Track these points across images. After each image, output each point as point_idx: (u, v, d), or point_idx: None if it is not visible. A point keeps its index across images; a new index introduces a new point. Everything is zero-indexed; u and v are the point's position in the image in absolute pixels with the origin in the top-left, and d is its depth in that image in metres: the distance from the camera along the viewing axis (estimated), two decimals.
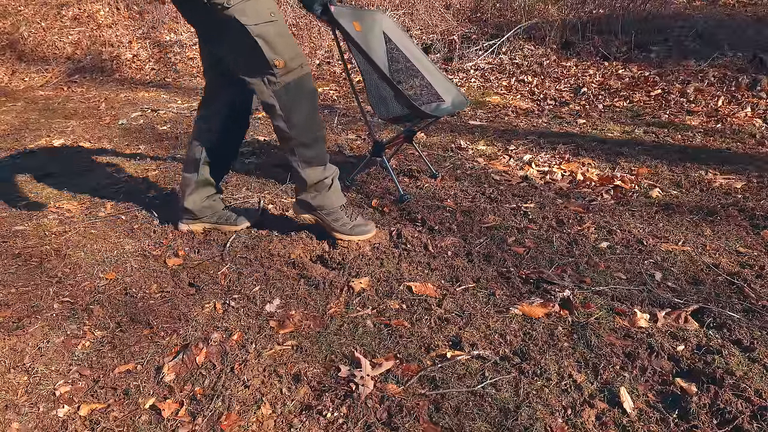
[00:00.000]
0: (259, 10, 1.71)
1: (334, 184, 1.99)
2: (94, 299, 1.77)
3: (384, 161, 2.43)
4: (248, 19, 1.69)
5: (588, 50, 5.29)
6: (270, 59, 1.74)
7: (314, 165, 1.93)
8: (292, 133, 1.87)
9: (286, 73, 1.78)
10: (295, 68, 1.79)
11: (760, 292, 1.65)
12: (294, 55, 1.79)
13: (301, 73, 1.81)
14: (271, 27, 1.73)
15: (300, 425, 1.23)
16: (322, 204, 1.99)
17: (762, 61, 4.34)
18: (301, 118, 1.86)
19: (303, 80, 1.82)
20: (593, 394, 1.28)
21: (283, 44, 1.77)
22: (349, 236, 1.99)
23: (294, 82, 1.80)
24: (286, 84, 1.79)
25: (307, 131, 1.89)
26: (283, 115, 1.84)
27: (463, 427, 1.20)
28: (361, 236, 2.00)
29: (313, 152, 1.92)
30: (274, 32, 1.74)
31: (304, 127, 1.88)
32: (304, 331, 1.56)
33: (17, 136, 3.88)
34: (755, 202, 2.30)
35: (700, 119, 3.62)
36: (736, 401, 1.21)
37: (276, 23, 1.75)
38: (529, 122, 3.82)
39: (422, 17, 6.56)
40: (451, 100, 2.43)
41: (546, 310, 1.60)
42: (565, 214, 2.23)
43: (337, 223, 1.99)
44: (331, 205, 1.99)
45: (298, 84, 1.81)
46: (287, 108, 1.83)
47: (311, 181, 1.95)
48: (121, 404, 1.33)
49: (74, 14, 7.02)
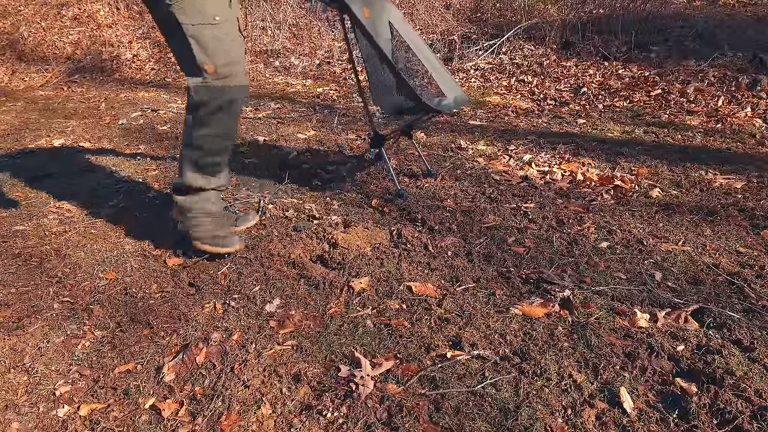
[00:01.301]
0: (203, 10, 1.66)
1: (210, 193, 1.95)
2: (94, 299, 1.77)
3: (382, 153, 2.39)
4: (186, 18, 1.65)
5: (588, 50, 5.29)
6: (200, 62, 1.70)
7: (204, 173, 1.90)
8: (200, 136, 1.83)
9: (215, 78, 1.74)
10: (226, 75, 1.74)
11: (760, 292, 1.65)
12: (228, 62, 1.73)
13: (231, 82, 1.76)
14: (208, 29, 1.68)
15: (300, 425, 1.23)
16: (183, 204, 1.94)
17: (762, 61, 4.34)
18: (216, 127, 1.82)
19: (230, 89, 1.77)
20: (593, 394, 1.28)
21: (217, 48, 1.71)
22: (202, 245, 1.93)
23: (220, 89, 1.75)
24: (212, 88, 1.75)
25: (216, 141, 1.85)
26: (200, 118, 1.80)
27: (463, 427, 1.20)
28: (219, 248, 1.93)
29: (209, 161, 1.88)
30: (210, 35, 1.69)
31: (216, 136, 1.84)
32: (304, 331, 1.56)
33: (17, 136, 3.88)
34: (755, 202, 2.30)
35: (700, 119, 3.62)
36: (736, 401, 1.21)
37: (218, 26, 1.69)
38: (529, 122, 3.82)
39: (422, 17, 6.55)
40: (453, 97, 2.41)
41: (546, 310, 1.60)
42: (565, 214, 2.23)
43: (196, 228, 1.94)
44: (199, 210, 1.94)
45: (224, 92, 1.76)
46: (207, 113, 1.79)
47: (190, 184, 1.91)
48: (121, 404, 1.33)
49: (74, 14, 7.02)
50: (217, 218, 1.96)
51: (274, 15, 7.05)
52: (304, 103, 4.75)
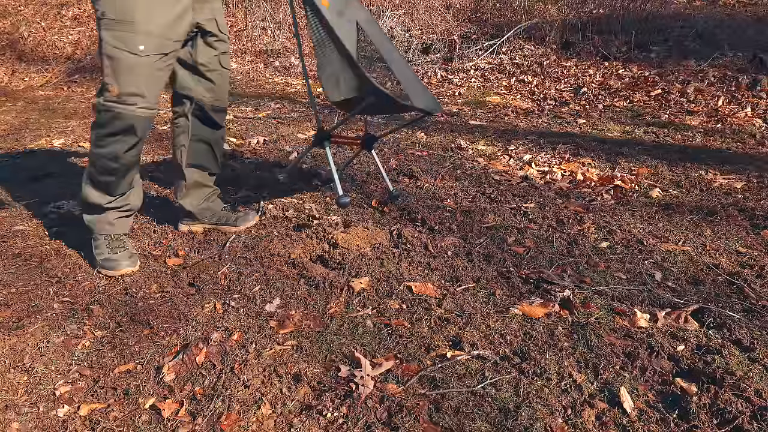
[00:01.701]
0: (127, 40, 1.64)
1: (109, 214, 1.92)
2: (94, 299, 1.77)
3: (327, 153, 2.12)
4: (110, 38, 1.65)
5: (588, 50, 5.29)
6: (107, 81, 1.69)
7: (99, 190, 1.87)
8: (94, 154, 1.82)
9: (116, 102, 1.70)
10: (128, 104, 1.71)
11: (760, 292, 1.65)
12: (132, 93, 1.70)
13: (132, 111, 1.72)
14: (125, 56, 1.66)
15: (300, 425, 1.23)
16: (88, 224, 1.94)
17: (762, 61, 4.34)
18: (110, 150, 1.78)
19: (130, 117, 1.72)
20: (593, 394, 1.28)
21: (127, 78, 1.68)
22: (98, 268, 1.92)
23: (118, 114, 1.72)
24: (108, 109, 1.71)
25: (107, 163, 1.81)
26: (96, 136, 1.78)
27: (463, 427, 1.20)
28: (108, 271, 1.90)
29: (102, 179, 1.85)
30: (127, 64, 1.66)
31: (107, 158, 1.80)
32: (304, 331, 1.56)
33: (17, 136, 3.88)
34: (755, 202, 2.30)
35: (700, 119, 3.62)
36: (736, 401, 1.21)
37: (135, 58, 1.66)
38: (529, 122, 3.82)
39: (422, 17, 6.55)
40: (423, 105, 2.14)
41: (546, 310, 1.60)
42: (565, 214, 2.23)
43: (95, 250, 1.93)
44: (97, 230, 1.93)
45: (121, 117, 1.72)
46: (103, 134, 1.77)
47: (87, 199, 1.90)
48: (121, 404, 1.33)
49: (74, 14, 7.03)
50: (113, 240, 1.93)
51: (274, 15, 7.05)
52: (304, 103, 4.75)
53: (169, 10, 1.71)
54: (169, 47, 1.74)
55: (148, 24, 1.66)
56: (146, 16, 1.66)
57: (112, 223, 1.94)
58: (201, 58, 1.94)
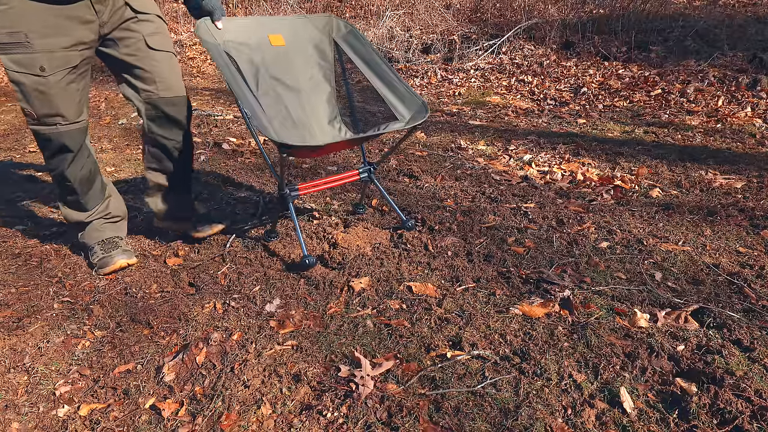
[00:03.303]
0: (26, 62, 1.60)
1: (94, 224, 1.95)
2: (94, 299, 1.77)
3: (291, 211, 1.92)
4: (10, 64, 1.61)
5: (588, 50, 5.29)
6: (23, 106, 1.69)
7: (72, 208, 1.92)
8: (52, 175, 1.85)
9: (37, 125, 1.72)
10: (49, 125, 1.71)
11: (760, 292, 1.65)
12: (47, 113, 1.69)
13: (55, 130, 1.73)
14: (29, 78, 1.62)
15: (300, 425, 1.23)
16: (81, 240, 1.98)
17: (762, 61, 4.34)
18: (57, 171, 1.81)
19: (58, 136, 1.74)
20: (593, 394, 1.28)
21: (38, 100, 1.66)
22: (96, 270, 1.92)
23: (46, 135, 1.73)
24: (36, 133, 1.74)
25: (62, 181, 1.84)
26: (45, 159, 1.81)
27: (463, 427, 1.20)
28: (105, 269, 1.89)
29: (69, 198, 1.89)
30: (31, 85, 1.63)
31: (60, 179, 1.84)
32: (304, 331, 1.56)
33: (17, 136, 3.88)
34: (755, 202, 2.30)
35: (700, 119, 3.62)
36: (736, 401, 1.21)
37: (40, 79, 1.62)
38: (529, 122, 3.82)
39: (422, 17, 6.56)
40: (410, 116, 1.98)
41: (546, 310, 1.59)
42: (565, 214, 2.23)
43: (92, 257, 1.94)
44: (90, 241, 1.96)
45: (49, 139, 1.74)
46: (46, 156, 1.80)
47: (68, 219, 1.95)
48: (121, 404, 1.33)
49: None
50: (105, 243, 1.94)
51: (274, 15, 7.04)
52: None
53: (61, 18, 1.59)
54: (75, 58, 1.66)
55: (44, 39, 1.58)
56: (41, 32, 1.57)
57: (100, 230, 1.96)
58: (123, 50, 1.75)
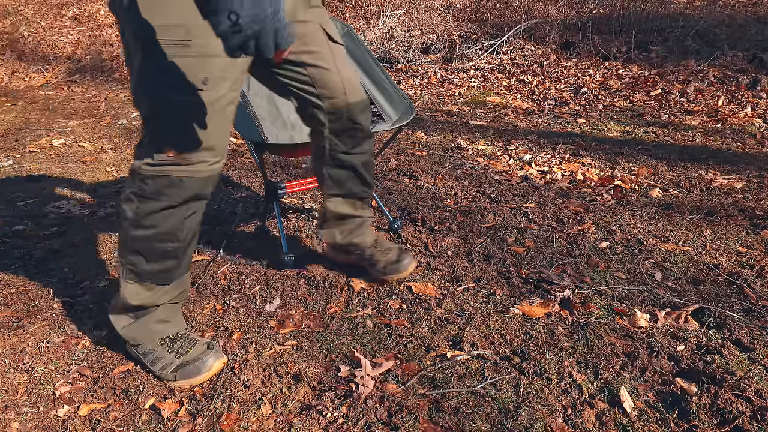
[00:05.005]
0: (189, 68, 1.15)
1: (159, 311, 1.38)
2: (94, 299, 1.77)
3: (276, 208, 1.91)
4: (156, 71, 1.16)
5: (588, 50, 5.30)
6: (150, 141, 1.24)
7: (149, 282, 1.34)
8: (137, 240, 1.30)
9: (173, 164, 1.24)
10: (192, 163, 1.24)
11: (760, 292, 1.65)
12: (195, 147, 1.22)
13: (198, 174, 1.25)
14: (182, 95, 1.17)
15: (300, 425, 1.23)
16: (125, 335, 1.41)
17: (762, 61, 4.34)
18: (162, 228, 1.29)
19: (194, 184, 1.25)
20: (593, 394, 1.28)
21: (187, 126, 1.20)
22: (173, 382, 1.37)
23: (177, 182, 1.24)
24: (159, 174, 1.24)
25: (157, 246, 1.30)
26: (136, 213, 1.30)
27: (463, 427, 1.20)
28: (194, 378, 1.36)
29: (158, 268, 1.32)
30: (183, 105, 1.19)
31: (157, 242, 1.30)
32: (304, 331, 1.56)
33: (17, 135, 3.88)
34: (755, 202, 2.30)
35: (700, 119, 3.62)
36: (736, 401, 1.21)
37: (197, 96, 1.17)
38: (529, 122, 3.82)
39: (422, 17, 6.55)
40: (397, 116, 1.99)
41: (546, 310, 1.59)
42: (565, 214, 2.23)
43: (153, 366, 1.39)
44: (145, 339, 1.40)
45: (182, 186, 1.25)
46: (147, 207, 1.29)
47: (128, 302, 1.35)
48: (121, 404, 1.32)
49: (74, 14, 7.02)
50: (175, 341, 1.40)
51: None
52: None
53: None
54: (242, 65, 1.24)
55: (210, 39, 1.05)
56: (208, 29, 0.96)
57: (166, 321, 1.40)
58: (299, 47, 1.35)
